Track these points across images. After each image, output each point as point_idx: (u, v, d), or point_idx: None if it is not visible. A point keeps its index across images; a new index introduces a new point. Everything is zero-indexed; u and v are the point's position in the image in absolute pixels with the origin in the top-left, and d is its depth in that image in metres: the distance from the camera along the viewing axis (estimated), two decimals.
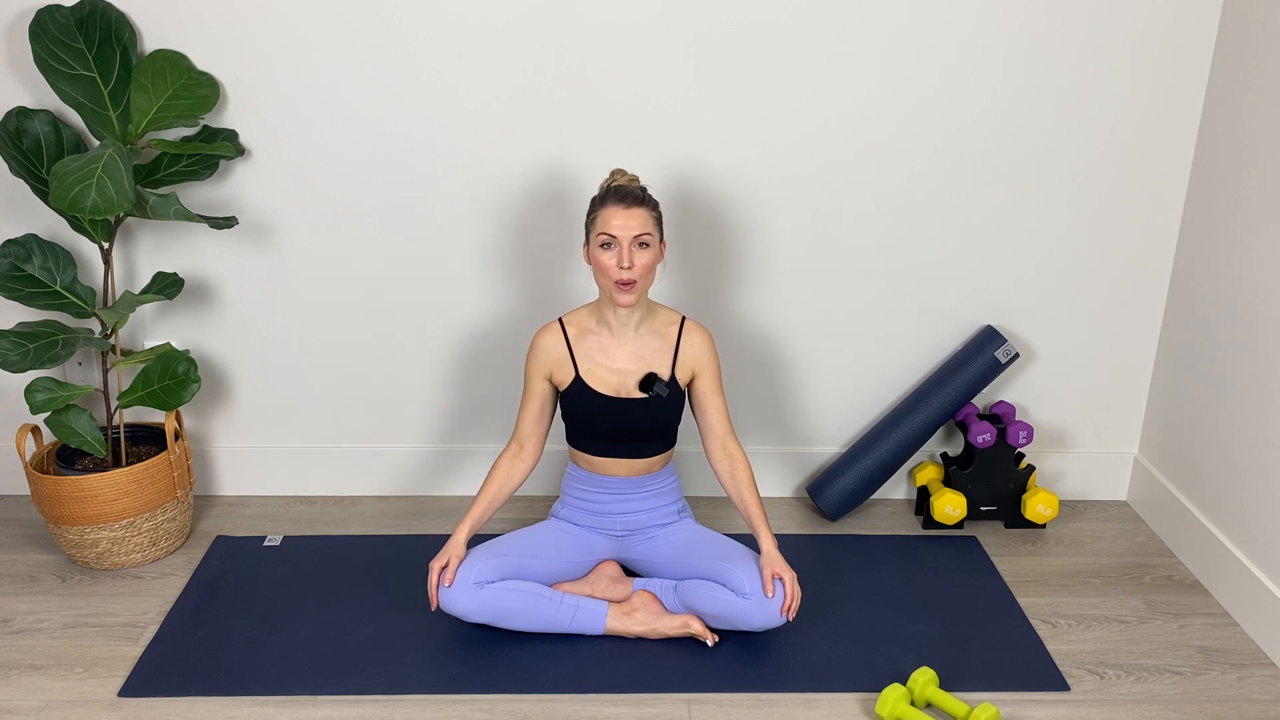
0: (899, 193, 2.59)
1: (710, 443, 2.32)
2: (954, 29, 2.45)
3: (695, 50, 2.45)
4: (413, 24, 2.43)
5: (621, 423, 2.24)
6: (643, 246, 2.13)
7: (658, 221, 2.17)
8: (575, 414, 2.27)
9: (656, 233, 2.16)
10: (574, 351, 2.25)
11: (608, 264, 2.13)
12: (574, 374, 2.25)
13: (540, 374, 2.28)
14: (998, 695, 2.09)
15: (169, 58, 2.37)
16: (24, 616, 2.31)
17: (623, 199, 2.13)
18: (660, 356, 2.25)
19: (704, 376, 2.28)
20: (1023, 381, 2.78)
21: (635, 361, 2.25)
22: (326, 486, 2.85)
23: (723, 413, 2.31)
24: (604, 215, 2.13)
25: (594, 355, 2.25)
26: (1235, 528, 2.39)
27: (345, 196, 2.56)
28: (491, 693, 2.07)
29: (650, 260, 2.14)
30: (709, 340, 2.29)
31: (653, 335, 2.26)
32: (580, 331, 2.26)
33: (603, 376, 2.24)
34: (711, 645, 2.19)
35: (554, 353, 2.26)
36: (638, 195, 2.14)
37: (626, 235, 2.11)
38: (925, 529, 2.71)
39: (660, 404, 2.24)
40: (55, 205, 2.11)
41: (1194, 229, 2.57)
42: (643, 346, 2.25)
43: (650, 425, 2.26)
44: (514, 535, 2.32)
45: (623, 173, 2.20)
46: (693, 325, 2.28)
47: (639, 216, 2.12)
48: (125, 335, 2.68)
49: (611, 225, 2.12)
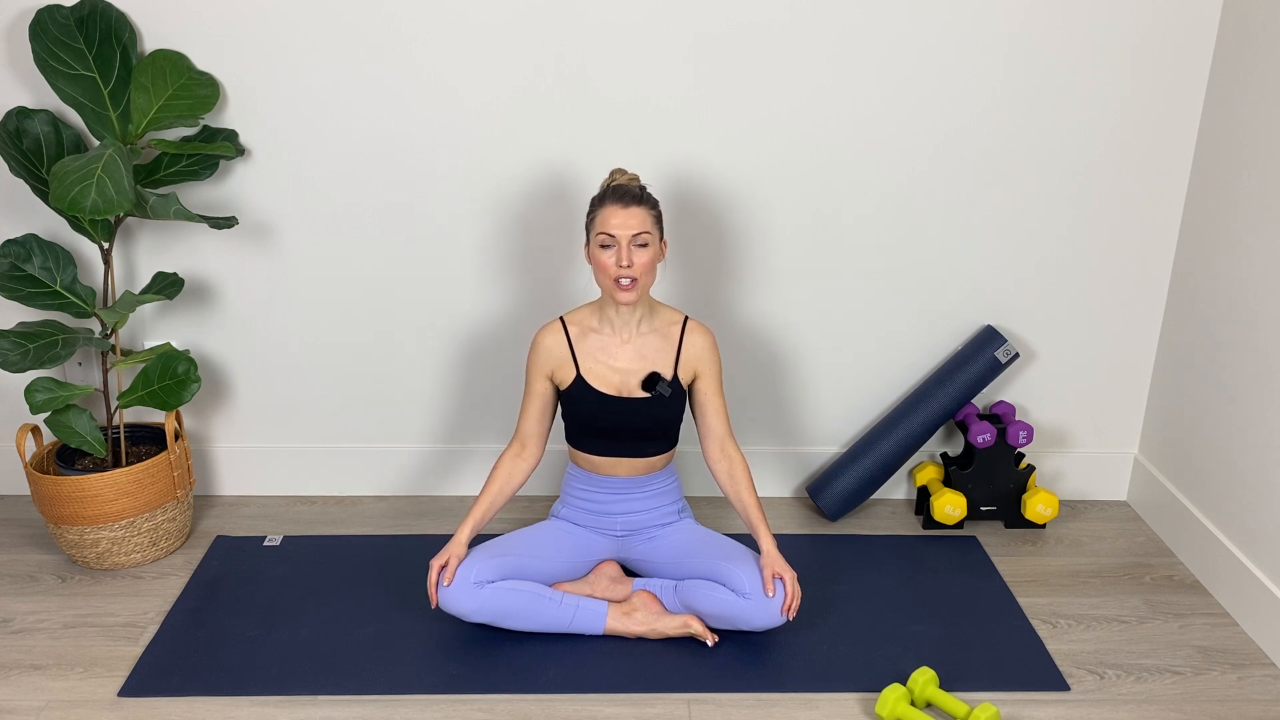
0: (899, 192, 2.59)
1: (709, 444, 2.31)
2: (954, 29, 2.45)
3: (695, 50, 2.45)
4: (413, 24, 2.43)
5: (623, 422, 2.24)
6: (642, 245, 2.13)
7: (657, 220, 2.17)
8: (577, 413, 2.27)
9: (656, 231, 2.16)
10: (575, 350, 2.25)
11: (607, 263, 2.13)
12: (575, 373, 2.25)
13: (541, 373, 2.28)
14: (998, 695, 2.09)
15: (169, 58, 2.37)
16: (24, 616, 2.31)
17: (621, 198, 2.13)
18: (662, 356, 2.25)
19: (705, 377, 2.28)
20: (1023, 381, 2.78)
21: (637, 360, 2.25)
22: (326, 486, 2.85)
23: (722, 414, 2.31)
24: (603, 215, 2.14)
25: (596, 354, 2.25)
26: (1235, 528, 2.39)
27: (345, 196, 2.56)
28: (491, 693, 2.07)
29: (650, 259, 2.14)
30: (711, 341, 2.29)
31: (655, 334, 2.26)
32: (582, 330, 2.26)
33: (604, 375, 2.24)
34: (711, 645, 2.19)
35: (555, 352, 2.26)
36: (636, 194, 2.14)
37: (625, 234, 2.11)
38: (925, 529, 2.71)
39: (662, 403, 2.24)
40: (55, 205, 2.11)
41: (1194, 229, 2.57)
42: (645, 345, 2.25)
43: (652, 424, 2.26)
44: (514, 535, 2.32)
45: (623, 172, 2.20)
46: (695, 325, 2.28)
47: (638, 215, 2.12)
48: (125, 335, 2.68)
49: (610, 224, 2.12)
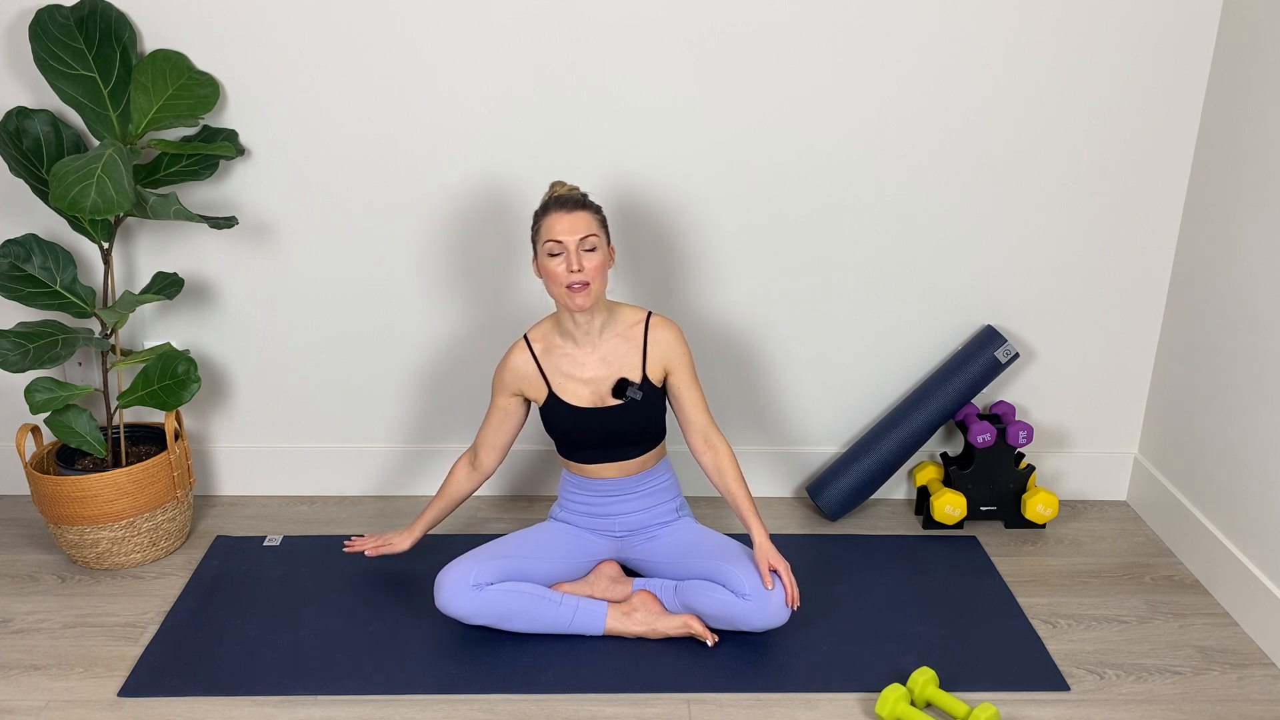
0: (899, 192, 2.59)
1: (691, 436, 2.29)
2: (954, 29, 2.45)
3: (695, 50, 2.45)
4: (413, 24, 2.43)
5: (604, 430, 2.23)
6: (590, 250, 2.12)
7: (602, 224, 2.17)
8: (556, 429, 2.27)
9: (602, 235, 2.15)
10: (543, 368, 2.25)
11: (558, 271, 2.12)
12: (547, 390, 2.25)
13: (506, 390, 2.29)
14: (998, 695, 2.09)
15: (169, 58, 2.37)
16: (24, 616, 2.31)
17: (564, 205, 2.13)
18: (628, 359, 2.24)
19: (677, 371, 2.26)
20: (1023, 381, 2.78)
21: (604, 368, 2.24)
22: (326, 486, 2.85)
23: (700, 405, 2.29)
24: (548, 223, 2.13)
25: (563, 368, 2.24)
26: (1235, 528, 2.39)
27: (345, 196, 2.56)
28: (491, 693, 2.07)
29: (599, 262, 2.13)
30: (677, 333, 2.27)
31: (618, 339, 2.24)
32: (546, 347, 2.26)
33: (575, 390, 2.23)
34: (711, 645, 2.19)
35: (523, 370, 2.26)
36: (579, 200, 2.14)
37: (573, 239, 2.10)
38: (925, 529, 2.71)
39: (638, 406, 2.23)
40: (55, 205, 2.11)
41: (1194, 229, 2.57)
42: (610, 351, 2.24)
43: (633, 429, 2.25)
44: (513, 536, 2.32)
45: (562, 183, 2.20)
46: (659, 321, 2.27)
47: (583, 219, 2.12)
48: (125, 335, 2.68)
49: (556, 231, 2.11)
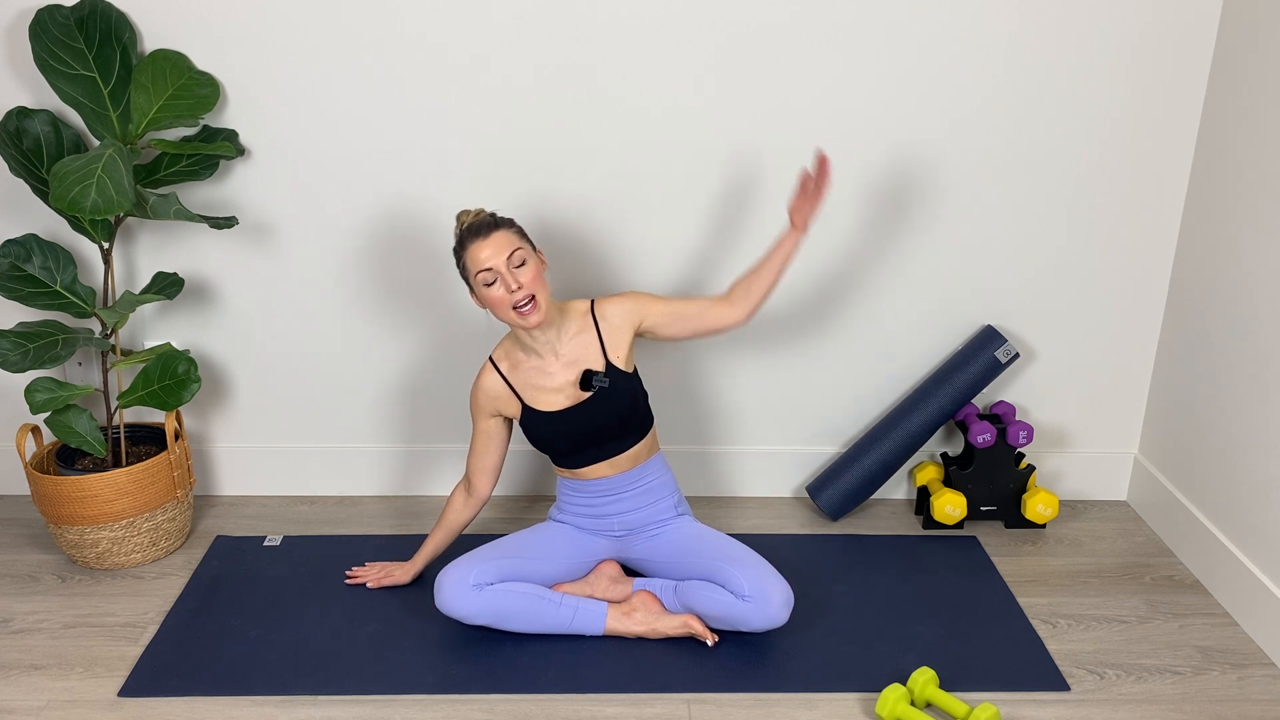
0: (899, 192, 2.58)
1: (715, 318, 2.27)
2: (954, 29, 2.45)
3: (695, 50, 2.45)
4: (414, 24, 2.43)
5: (587, 427, 2.23)
6: (520, 265, 2.11)
7: (522, 235, 2.16)
8: (539, 439, 2.27)
9: (527, 245, 2.15)
10: (513, 385, 2.25)
11: (499, 296, 2.11)
12: (521, 405, 2.25)
13: (484, 413, 2.29)
14: (998, 695, 2.09)
15: (169, 58, 2.37)
16: (24, 616, 2.31)
17: (479, 232, 2.11)
18: (589, 351, 2.24)
19: (647, 316, 2.26)
20: (1023, 381, 2.78)
21: (571, 370, 2.23)
22: (326, 486, 2.85)
23: (690, 299, 2.28)
24: (471, 255, 2.11)
25: (533, 381, 2.24)
26: (1235, 528, 2.39)
27: (345, 196, 2.56)
28: (491, 693, 2.07)
29: (534, 272, 2.12)
30: (621, 298, 2.27)
31: (574, 338, 2.24)
32: (512, 364, 2.26)
33: (549, 399, 2.24)
34: (711, 645, 2.19)
35: (494, 391, 2.26)
36: (490, 222, 2.13)
37: (500, 260, 2.09)
38: (925, 529, 2.71)
39: (613, 394, 2.22)
40: (55, 205, 2.11)
41: (1194, 229, 2.57)
42: (570, 352, 2.24)
43: (612, 419, 2.24)
44: (513, 537, 2.32)
45: (467, 212, 2.18)
46: (602, 302, 2.27)
47: (502, 238, 2.11)
48: (125, 335, 2.68)
49: (482, 260, 2.10)
